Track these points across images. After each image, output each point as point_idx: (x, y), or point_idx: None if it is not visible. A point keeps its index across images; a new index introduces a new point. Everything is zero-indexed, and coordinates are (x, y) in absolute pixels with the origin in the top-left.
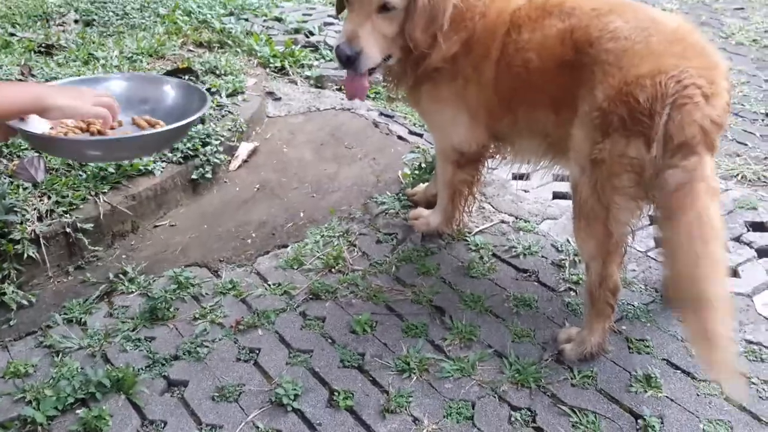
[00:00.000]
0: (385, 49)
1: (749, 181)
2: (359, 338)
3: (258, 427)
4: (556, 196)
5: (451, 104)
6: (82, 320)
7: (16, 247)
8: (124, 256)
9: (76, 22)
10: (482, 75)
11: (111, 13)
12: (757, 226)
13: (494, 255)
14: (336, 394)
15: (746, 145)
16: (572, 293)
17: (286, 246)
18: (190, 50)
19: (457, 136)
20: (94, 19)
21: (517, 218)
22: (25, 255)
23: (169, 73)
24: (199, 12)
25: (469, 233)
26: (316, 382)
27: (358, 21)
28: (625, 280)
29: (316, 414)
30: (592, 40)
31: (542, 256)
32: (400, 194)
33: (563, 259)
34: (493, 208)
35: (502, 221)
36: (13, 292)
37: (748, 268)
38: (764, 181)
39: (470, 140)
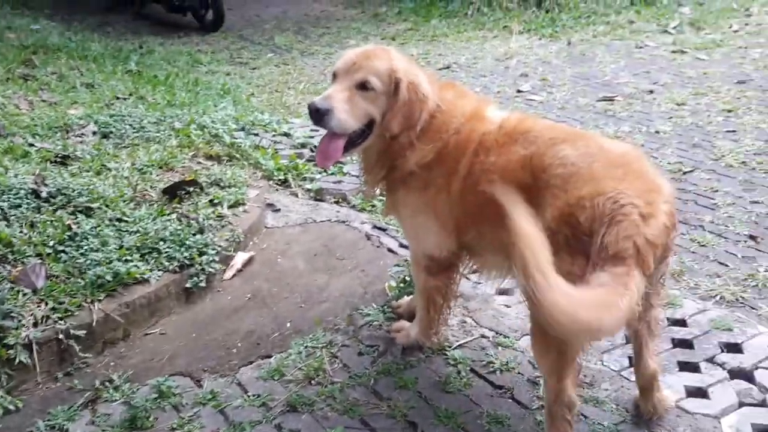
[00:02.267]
0: (358, 119)
1: (727, 302)
2: None
3: None
4: None
5: (423, 211)
6: (65, 427)
7: (9, 352)
8: (112, 364)
9: (94, 134)
10: (451, 188)
11: (128, 126)
12: (731, 347)
13: (472, 370)
14: None
15: (727, 266)
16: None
17: (269, 356)
18: (200, 162)
19: (428, 242)
20: (111, 132)
21: (497, 333)
22: (17, 360)
23: (174, 186)
24: (213, 126)
25: (449, 347)
26: None
27: (337, 89)
28: (596, 399)
29: None
30: (545, 166)
31: (519, 373)
32: (386, 306)
33: (539, 377)
34: (475, 322)
35: (483, 336)
36: (1, 396)
37: (718, 389)
38: (742, 303)
39: (440, 246)
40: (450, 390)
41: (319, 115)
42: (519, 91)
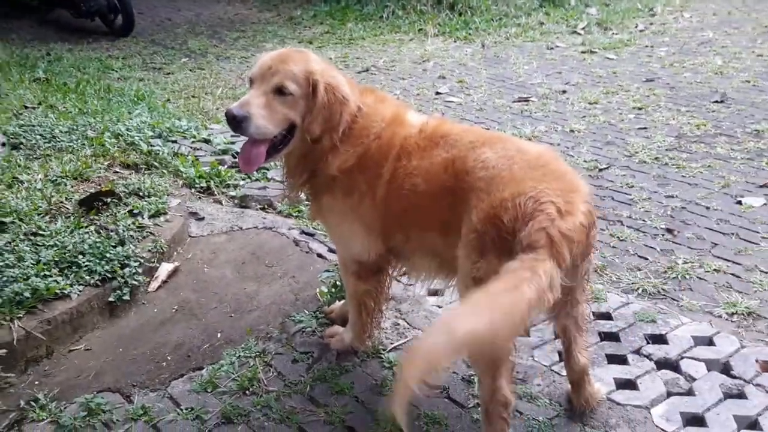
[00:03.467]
0: (277, 124)
1: (649, 294)
2: None
3: None
4: None
5: (348, 217)
6: None
7: None
8: (37, 382)
9: (3, 145)
10: (375, 193)
11: (39, 136)
12: (656, 339)
13: None
14: None
15: (647, 259)
16: (480, 409)
17: (201, 368)
18: (117, 172)
19: (354, 247)
20: (21, 143)
21: None
22: None
23: (90, 197)
24: (128, 134)
25: (384, 350)
26: None
27: (254, 95)
28: (530, 395)
29: None
30: (468, 169)
31: (453, 372)
32: (318, 312)
33: (473, 375)
34: (408, 324)
35: (416, 337)
36: None
37: (646, 380)
38: (663, 294)
39: (367, 251)
40: (387, 393)
41: (236, 122)
42: (438, 93)
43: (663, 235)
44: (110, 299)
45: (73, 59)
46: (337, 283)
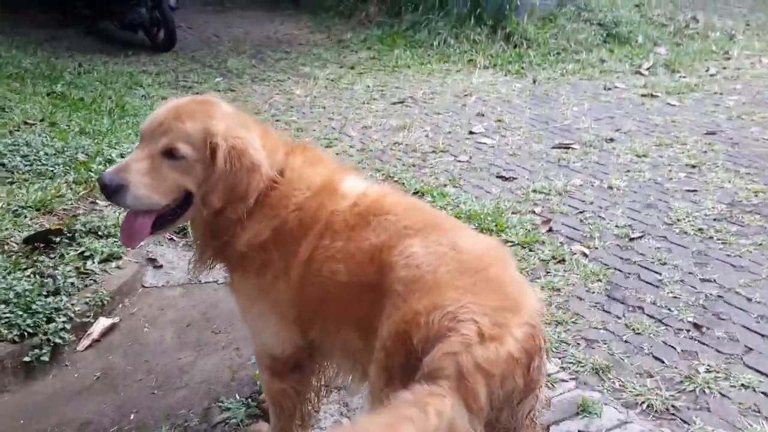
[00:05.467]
0: (166, 194)
1: (656, 411)
2: None
3: None
4: None
5: (259, 300)
6: None
7: None
8: None
9: None
10: (290, 273)
11: (20, 158)
12: None
13: None
14: None
15: (663, 362)
16: None
17: None
18: (92, 203)
19: (267, 336)
20: (2, 163)
21: None
22: None
23: (38, 235)
24: (120, 161)
25: None
26: None
27: (138, 157)
28: None
29: None
30: (392, 263)
31: None
32: (251, 399)
33: None
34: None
35: None
36: None
37: None
38: (673, 414)
39: (282, 342)
40: None
41: (109, 192)
42: (471, 133)
43: (689, 330)
44: (26, 359)
45: (104, 72)
46: None
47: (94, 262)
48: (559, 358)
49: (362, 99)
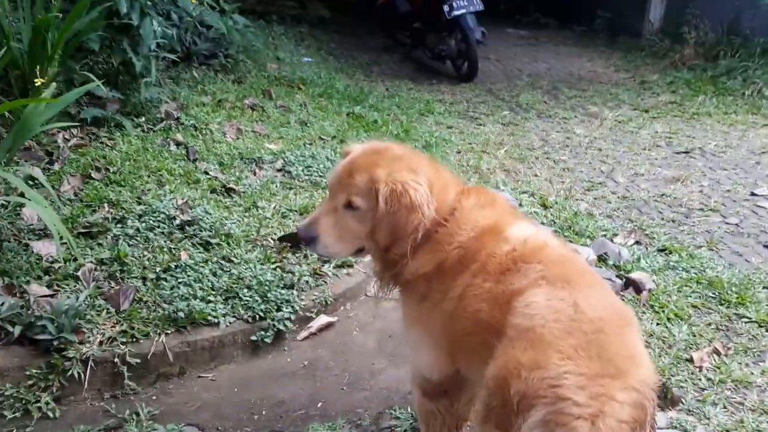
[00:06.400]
0: (349, 242)
1: None
2: None
3: None
4: None
5: (419, 326)
6: None
7: (66, 363)
8: (154, 398)
9: (279, 170)
10: (445, 306)
11: (303, 168)
12: None
13: None
14: None
15: None
16: None
17: None
18: None
19: (421, 358)
20: (290, 171)
21: None
22: (71, 373)
23: (289, 236)
24: None
25: None
26: None
27: (324, 210)
28: None
29: None
30: (514, 309)
31: None
32: None
33: None
34: None
35: None
36: (46, 403)
37: None
38: None
39: (432, 367)
40: None
41: (305, 243)
42: (752, 194)
43: None
44: (253, 338)
45: (405, 97)
46: None
47: (329, 266)
48: None
49: (644, 144)
